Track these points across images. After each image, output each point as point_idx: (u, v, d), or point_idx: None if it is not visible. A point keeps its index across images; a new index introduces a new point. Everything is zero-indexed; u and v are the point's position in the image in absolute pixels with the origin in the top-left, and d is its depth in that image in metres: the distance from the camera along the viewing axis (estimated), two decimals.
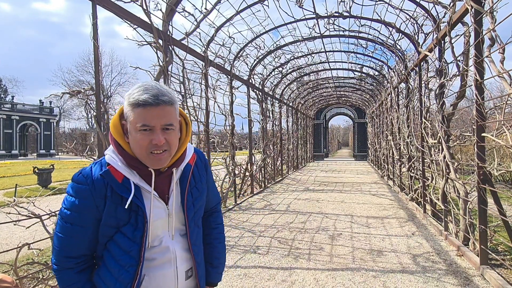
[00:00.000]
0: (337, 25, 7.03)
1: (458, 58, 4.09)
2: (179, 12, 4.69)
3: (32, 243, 2.70)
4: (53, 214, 2.98)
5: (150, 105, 0.94)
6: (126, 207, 0.99)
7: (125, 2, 3.75)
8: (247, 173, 8.65)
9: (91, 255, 1.08)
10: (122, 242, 1.02)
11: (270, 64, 9.47)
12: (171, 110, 0.99)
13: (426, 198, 5.90)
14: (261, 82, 9.78)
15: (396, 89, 8.91)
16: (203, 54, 5.93)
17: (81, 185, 1.00)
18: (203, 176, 1.22)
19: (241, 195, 8.25)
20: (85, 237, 1.02)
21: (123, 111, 1.02)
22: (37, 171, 11.18)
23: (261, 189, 9.60)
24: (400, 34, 6.51)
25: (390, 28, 6.56)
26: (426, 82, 5.63)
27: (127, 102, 0.97)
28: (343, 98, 19.21)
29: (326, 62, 10.43)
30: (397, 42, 7.11)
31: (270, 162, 11.31)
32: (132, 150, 1.02)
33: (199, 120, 5.79)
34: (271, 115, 11.13)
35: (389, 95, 10.08)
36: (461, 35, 4.08)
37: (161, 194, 1.08)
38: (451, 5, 4.20)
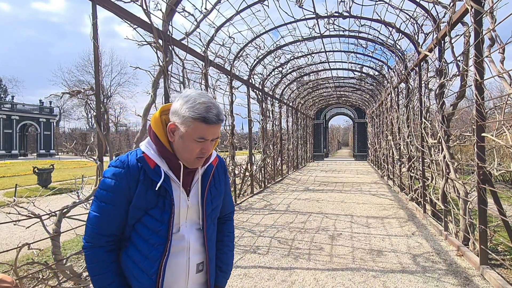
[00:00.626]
0: (337, 25, 7.03)
1: (458, 58, 4.09)
2: (179, 12, 4.69)
3: (32, 243, 2.70)
4: (53, 214, 2.99)
5: (213, 123, 1.10)
6: (156, 189, 1.11)
7: (125, 2, 3.74)
8: (247, 173, 8.65)
9: (119, 237, 1.18)
10: (150, 223, 1.13)
11: (270, 64, 9.47)
12: (220, 127, 1.16)
13: (426, 198, 5.90)
14: (261, 82, 9.78)
15: (396, 89, 8.91)
16: (203, 54, 5.93)
17: (118, 169, 1.13)
18: (222, 179, 1.35)
19: (241, 195, 8.25)
20: (117, 216, 1.13)
21: (172, 112, 1.13)
22: (37, 171, 11.18)
23: (261, 189, 9.60)
24: (400, 34, 6.51)
25: (390, 28, 6.56)
26: (426, 82, 5.63)
27: (189, 114, 1.07)
28: (343, 98, 19.22)
29: (326, 62, 10.43)
30: (397, 42, 7.12)
31: (270, 162, 11.31)
32: (175, 149, 1.15)
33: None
34: (271, 115, 11.13)
35: (389, 95, 10.08)
36: (461, 35, 4.08)
37: (184, 186, 1.20)
38: (451, 5, 4.20)
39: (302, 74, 12.01)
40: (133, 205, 1.12)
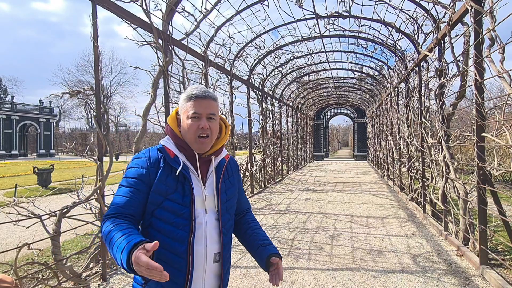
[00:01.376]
0: (337, 25, 7.03)
1: (458, 58, 4.09)
2: (179, 12, 4.69)
3: (32, 243, 2.70)
4: (53, 214, 2.98)
5: (200, 97, 1.25)
6: (177, 174, 1.21)
7: (125, 2, 3.75)
8: (247, 173, 8.65)
9: (138, 220, 1.23)
10: (173, 207, 1.20)
11: (270, 64, 9.47)
12: (214, 104, 1.29)
13: (426, 198, 5.91)
14: (261, 82, 9.78)
15: (396, 89, 8.91)
16: (203, 54, 5.93)
17: (140, 158, 1.26)
18: (235, 174, 1.44)
19: None
20: (137, 199, 1.19)
21: (179, 108, 1.31)
22: (37, 171, 11.18)
23: (261, 189, 9.60)
24: (400, 34, 6.51)
25: (390, 28, 6.56)
26: (426, 82, 5.63)
27: (183, 98, 1.28)
28: (343, 98, 19.22)
29: (326, 62, 10.43)
30: (397, 42, 7.12)
31: (270, 162, 11.31)
32: (183, 136, 1.28)
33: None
34: (271, 115, 11.13)
35: (389, 95, 10.08)
36: (461, 35, 4.08)
37: (201, 175, 1.28)
38: (451, 5, 4.20)
39: (302, 74, 12.01)
40: (153, 190, 1.20)
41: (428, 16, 5.13)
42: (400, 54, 7.34)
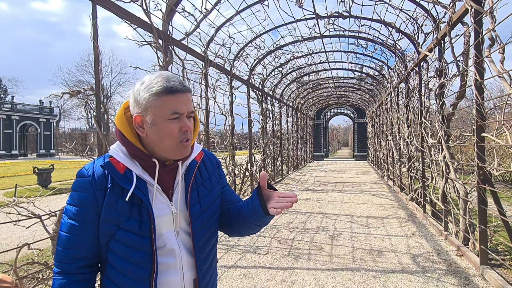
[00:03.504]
0: (337, 25, 7.03)
1: (458, 58, 4.09)
2: (179, 12, 4.69)
3: (32, 243, 2.70)
4: (53, 214, 2.98)
5: (180, 91, 0.95)
6: (126, 199, 0.94)
7: (125, 2, 3.74)
8: (247, 173, 8.65)
9: (94, 260, 1.02)
10: (128, 239, 0.95)
11: (270, 64, 9.47)
12: (191, 97, 1.01)
13: (426, 198, 5.90)
14: (261, 82, 9.78)
15: (396, 89, 8.91)
16: (203, 54, 5.93)
17: (82, 178, 0.98)
18: (213, 175, 1.16)
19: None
20: (88, 234, 0.97)
21: (131, 104, 1.00)
22: (37, 171, 11.18)
23: None
24: (400, 34, 6.51)
25: (390, 28, 6.56)
26: (426, 82, 5.63)
27: (150, 93, 0.94)
28: (343, 98, 19.21)
29: (326, 62, 10.42)
30: (397, 42, 7.11)
31: (270, 162, 11.31)
32: (151, 144, 0.99)
33: (199, 120, 5.79)
34: (271, 115, 11.13)
35: (389, 95, 10.08)
36: (461, 35, 4.08)
37: (165, 189, 1.02)
38: (451, 5, 4.20)
39: (302, 74, 12.01)
40: (102, 218, 0.95)
41: (428, 16, 5.13)
42: (400, 54, 7.34)
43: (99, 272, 1.06)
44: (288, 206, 0.94)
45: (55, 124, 45.30)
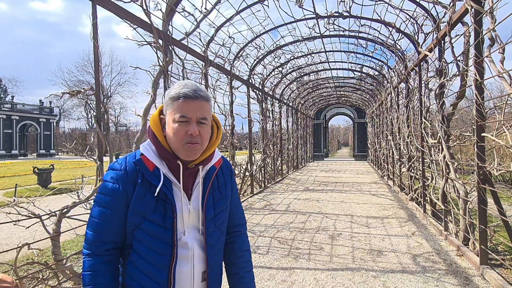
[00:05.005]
0: (337, 25, 7.03)
1: (458, 58, 4.09)
2: (179, 12, 4.69)
3: (32, 243, 2.70)
4: (53, 214, 2.98)
5: (190, 98, 1.06)
6: (156, 194, 1.05)
7: (125, 2, 3.74)
8: (247, 173, 8.65)
9: (120, 245, 1.13)
10: (153, 230, 1.07)
11: (270, 64, 9.47)
12: (206, 106, 1.10)
13: (426, 198, 5.90)
14: (261, 82, 9.78)
15: (396, 89, 8.91)
16: (203, 54, 5.93)
17: (115, 171, 1.10)
18: (228, 182, 1.27)
19: (241, 195, 8.25)
20: (116, 221, 1.08)
21: (163, 108, 1.12)
22: (37, 171, 11.17)
23: (261, 189, 9.60)
24: (400, 34, 6.51)
25: (390, 28, 6.56)
26: (426, 82, 5.63)
27: (168, 96, 1.08)
28: (343, 98, 19.22)
29: (326, 62, 10.43)
30: (397, 42, 7.11)
31: (270, 162, 11.31)
32: (168, 142, 1.10)
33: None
34: (271, 115, 11.13)
35: (389, 95, 10.08)
36: (461, 35, 4.08)
37: (185, 189, 1.13)
38: (451, 5, 4.20)
39: (302, 74, 12.01)
40: (131, 209, 1.07)
41: (428, 16, 5.13)
42: (400, 54, 7.34)
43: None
44: None
45: (55, 124, 45.30)
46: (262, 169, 10.03)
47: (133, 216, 1.07)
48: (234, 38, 6.65)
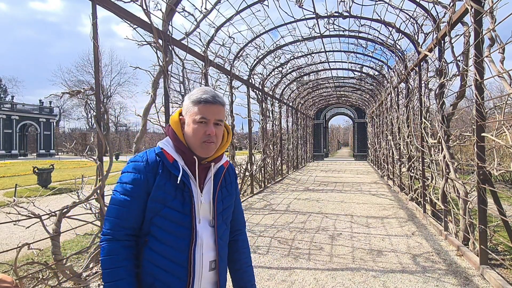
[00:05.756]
0: (337, 25, 7.03)
1: (458, 58, 4.09)
2: (179, 12, 4.69)
3: (32, 243, 2.70)
4: (53, 214, 2.98)
5: (210, 102, 1.20)
6: (178, 181, 1.16)
7: (125, 2, 3.74)
8: (247, 173, 8.65)
9: (137, 232, 1.20)
10: (172, 215, 1.16)
11: (270, 64, 9.47)
12: (222, 110, 1.25)
13: (426, 198, 5.90)
14: (261, 82, 9.78)
15: (396, 89, 8.91)
16: (203, 54, 5.93)
17: (137, 163, 1.20)
18: (233, 182, 1.40)
19: (241, 195, 8.25)
20: (136, 208, 1.16)
21: (183, 110, 1.26)
22: (37, 171, 11.17)
23: (261, 189, 9.60)
24: (400, 34, 6.51)
25: (390, 28, 6.56)
26: (426, 82, 5.63)
27: (190, 100, 1.22)
28: (343, 98, 19.22)
29: (326, 62, 10.43)
30: (397, 42, 7.12)
31: (270, 162, 11.31)
32: (186, 139, 1.23)
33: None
34: (271, 115, 11.13)
35: (389, 95, 10.08)
36: (461, 35, 4.08)
37: (198, 182, 1.24)
38: (451, 5, 4.20)
39: (302, 74, 12.01)
40: (151, 197, 1.16)
41: (428, 16, 5.13)
42: (400, 54, 7.34)
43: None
44: None
45: (55, 124, 45.29)
46: (262, 169, 10.03)
47: (154, 203, 1.16)
48: (234, 38, 6.65)
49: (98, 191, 3.30)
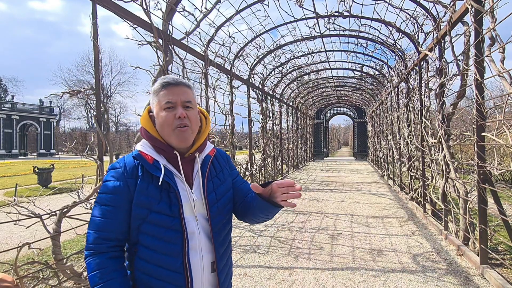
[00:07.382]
0: (337, 25, 7.02)
1: (458, 58, 4.09)
2: (179, 12, 4.68)
3: (32, 242, 2.70)
4: (53, 213, 2.99)
5: (172, 85, 1.14)
6: (160, 183, 1.07)
7: (125, 2, 3.74)
8: (247, 173, 8.65)
9: (123, 242, 1.13)
10: (160, 220, 1.08)
11: (270, 64, 9.46)
12: (189, 91, 1.16)
13: (426, 198, 5.90)
14: (261, 82, 9.78)
15: (396, 88, 8.90)
16: (203, 53, 5.92)
17: (114, 170, 1.12)
18: (225, 168, 1.29)
19: None
20: (119, 218, 1.08)
21: (151, 105, 1.19)
22: (37, 170, 11.18)
23: None
24: (400, 33, 6.50)
25: (390, 28, 6.55)
26: (426, 82, 5.63)
27: (153, 92, 1.16)
28: (343, 98, 19.21)
29: (326, 62, 10.42)
30: (397, 41, 7.11)
31: (270, 161, 11.31)
32: (160, 133, 1.14)
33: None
34: (271, 115, 11.13)
35: (389, 95, 10.07)
36: (461, 34, 4.08)
37: (186, 179, 1.15)
38: (451, 5, 4.20)
39: (302, 73, 12.00)
40: (135, 203, 1.08)
41: (428, 16, 5.13)
42: (400, 54, 7.34)
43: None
44: (295, 195, 1.04)
45: (55, 123, 45.28)
46: (262, 168, 10.03)
47: (138, 209, 1.08)
48: (234, 38, 6.64)
49: (98, 190, 3.30)
